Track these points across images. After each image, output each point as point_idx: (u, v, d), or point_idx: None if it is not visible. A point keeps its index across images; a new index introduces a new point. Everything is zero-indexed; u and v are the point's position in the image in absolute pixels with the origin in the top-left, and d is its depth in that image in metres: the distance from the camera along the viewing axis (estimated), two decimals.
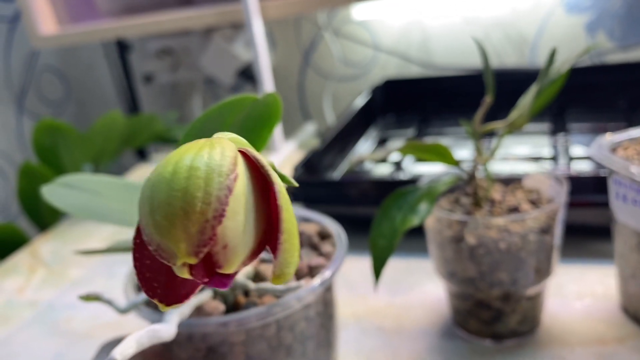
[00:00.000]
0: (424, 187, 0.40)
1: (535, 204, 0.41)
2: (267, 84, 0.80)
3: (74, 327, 0.54)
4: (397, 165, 0.69)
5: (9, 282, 0.64)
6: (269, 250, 0.21)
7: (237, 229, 0.19)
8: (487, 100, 0.38)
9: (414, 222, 0.37)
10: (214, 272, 0.19)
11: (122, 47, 1.08)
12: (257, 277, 0.34)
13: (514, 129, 0.39)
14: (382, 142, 0.81)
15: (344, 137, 0.75)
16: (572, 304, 0.45)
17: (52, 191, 0.31)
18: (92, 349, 0.49)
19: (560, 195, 0.40)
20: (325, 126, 1.05)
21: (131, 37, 1.07)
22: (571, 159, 0.64)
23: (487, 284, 0.40)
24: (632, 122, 0.71)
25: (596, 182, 0.49)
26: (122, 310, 0.34)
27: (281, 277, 0.20)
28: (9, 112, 1.05)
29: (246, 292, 0.34)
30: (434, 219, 0.41)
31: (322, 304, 0.35)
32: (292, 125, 1.07)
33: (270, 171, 0.20)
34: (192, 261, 0.18)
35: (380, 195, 0.58)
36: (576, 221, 0.51)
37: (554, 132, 0.72)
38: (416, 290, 0.51)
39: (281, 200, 0.20)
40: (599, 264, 0.50)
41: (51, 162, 0.79)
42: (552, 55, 0.35)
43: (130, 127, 0.83)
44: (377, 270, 0.37)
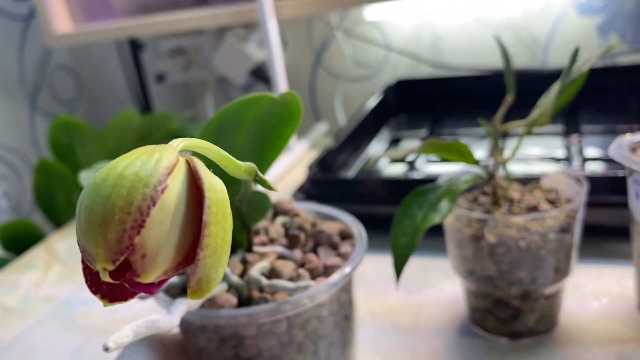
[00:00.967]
0: (444, 185, 0.40)
1: (554, 203, 0.41)
2: (281, 83, 0.81)
3: (91, 323, 0.54)
4: (411, 164, 0.69)
5: (25, 277, 0.65)
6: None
7: (158, 240, 0.19)
8: (509, 99, 0.38)
9: (435, 220, 0.37)
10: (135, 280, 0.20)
11: (135, 47, 1.08)
12: (272, 274, 0.35)
13: (535, 128, 0.39)
14: (394, 142, 0.81)
15: (357, 136, 0.75)
16: (590, 304, 0.46)
17: (89, 177, 0.32)
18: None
19: (579, 194, 0.40)
20: (336, 126, 1.06)
21: (145, 36, 1.08)
22: (585, 160, 0.64)
23: (506, 283, 0.40)
24: None
25: (614, 183, 0.49)
26: (141, 296, 0.34)
27: (198, 292, 0.20)
28: (22, 110, 1.06)
29: (261, 288, 0.34)
30: (453, 217, 0.41)
31: (337, 304, 0.35)
32: (303, 125, 1.07)
33: (207, 184, 0.20)
34: (110, 267, 0.19)
35: (394, 194, 0.59)
36: (593, 221, 0.51)
37: (567, 134, 0.72)
38: (432, 288, 0.51)
39: (212, 215, 0.20)
40: (616, 264, 0.50)
41: (67, 159, 0.80)
42: (575, 54, 0.35)
43: (145, 125, 0.83)
44: (399, 268, 0.37)
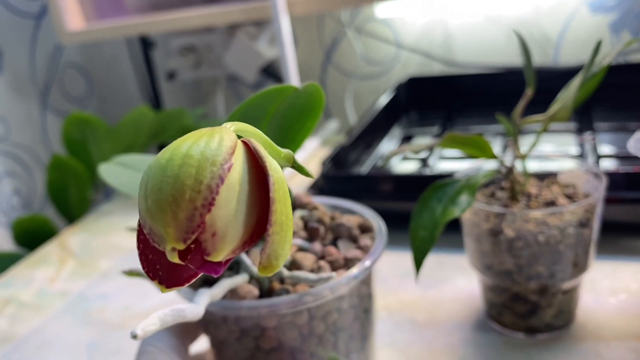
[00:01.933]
0: (463, 179, 0.40)
1: (571, 198, 0.41)
2: (293, 81, 0.81)
3: (106, 317, 0.54)
4: (424, 162, 0.69)
5: (39, 272, 0.65)
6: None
7: (227, 218, 0.19)
8: (529, 92, 0.38)
9: (455, 213, 0.37)
10: (205, 259, 0.20)
11: (145, 44, 1.09)
12: (293, 265, 0.35)
13: (549, 125, 0.39)
14: (406, 139, 0.81)
15: (369, 133, 0.75)
16: (607, 299, 0.45)
17: (108, 170, 0.32)
18: (126, 339, 0.50)
19: (598, 189, 0.40)
20: (346, 124, 1.06)
21: (156, 33, 1.08)
22: (599, 157, 0.64)
23: (524, 277, 0.40)
24: None
25: (631, 179, 0.49)
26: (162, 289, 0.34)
27: (268, 268, 0.20)
28: (33, 107, 1.06)
29: (282, 279, 0.34)
30: (471, 211, 0.41)
31: (357, 297, 0.35)
32: None
33: (268, 163, 0.20)
34: (180, 247, 0.19)
35: (408, 190, 0.59)
36: (610, 218, 0.51)
37: (580, 131, 0.72)
38: (448, 284, 0.51)
39: (276, 192, 0.20)
40: (632, 261, 0.50)
41: (80, 155, 0.80)
42: (597, 47, 0.35)
43: (158, 122, 0.84)
44: (419, 262, 0.37)
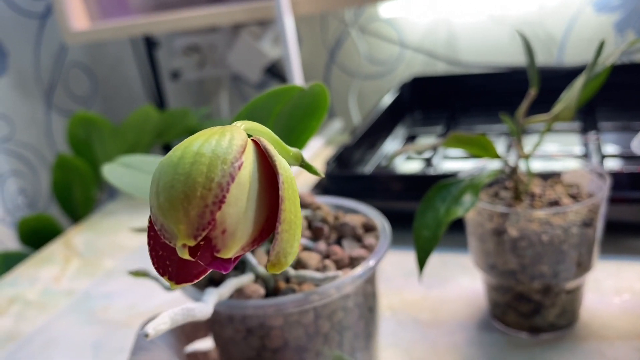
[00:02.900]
0: (466, 179, 0.40)
1: (575, 198, 0.41)
2: (297, 80, 0.81)
3: (111, 316, 0.55)
4: (428, 161, 0.69)
5: (45, 271, 0.65)
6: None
7: (237, 216, 0.20)
8: (532, 93, 0.38)
9: (459, 213, 0.37)
10: (214, 255, 0.20)
11: (149, 44, 1.09)
12: (298, 265, 0.35)
13: (553, 125, 0.39)
14: (410, 139, 0.81)
15: (373, 133, 0.75)
16: (611, 299, 0.45)
17: (111, 170, 0.32)
18: (131, 338, 0.50)
19: (601, 189, 0.40)
20: (350, 124, 1.06)
21: (160, 33, 1.08)
22: (604, 156, 0.64)
23: (528, 277, 0.40)
24: None
25: (635, 179, 0.49)
26: (169, 287, 0.34)
27: (277, 265, 0.20)
28: (38, 107, 1.06)
29: (287, 279, 0.34)
30: (475, 211, 0.41)
31: (362, 296, 0.35)
32: None
33: (278, 162, 0.21)
34: (191, 243, 0.19)
35: (411, 190, 0.59)
36: (613, 217, 0.51)
37: (584, 131, 0.72)
38: (451, 283, 0.51)
39: (285, 191, 0.20)
40: (636, 260, 0.50)
41: (85, 154, 0.81)
42: (601, 47, 0.35)
43: (163, 122, 0.84)
44: (422, 261, 0.37)
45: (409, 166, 0.70)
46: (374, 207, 0.40)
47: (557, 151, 0.69)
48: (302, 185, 0.73)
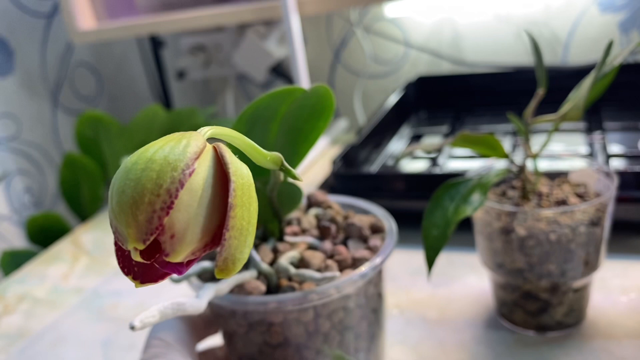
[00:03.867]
0: (475, 178, 0.40)
1: (582, 197, 0.42)
2: (303, 80, 0.81)
3: (120, 314, 0.55)
4: (433, 161, 0.70)
5: (53, 269, 0.66)
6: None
7: (186, 221, 0.20)
8: (540, 92, 0.38)
9: (467, 212, 0.37)
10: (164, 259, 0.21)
11: (155, 44, 1.09)
12: (302, 263, 0.35)
13: (567, 122, 0.39)
14: (415, 138, 0.81)
15: (378, 133, 0.75)
16: (618, 298, 0.46)
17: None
18: (140, 335, 0.50)
19: (609, 188, 0.40)
20: (355, 123, 1.06)
21: (166, 33, 1.09)
22: (609, 156, 0.64)
23: (536, 275, 0.40)
24: None
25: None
26: (175, 280, 0.35)
27: (225, 271, 0.21)
28: (44, 106, 1.07)
29: (290, 277, 0.34)
30: (483, 210, 0.41)
31: (364, 297, 0.35)
32: None
33: (232, 168, 0.21)
34: (140, 247, 0.19)
35: (418, 189, 0.59)
36: (620, 217, 0.51)
37: (590, 131, 0.72)
38: (458, 282, 0.51)
39: (237, 198, 0.21)
40: None
41: (93, 153, 0.81)
42: (609, 47, 0.35)
43: (170, 121, 0.84)
44: (431, 260, 0.37)
45: (414, 165, 0.71)
46: (380, 206, 0.41)
47: (563, 151, 0.69)
48: (309, 183, 0.74)
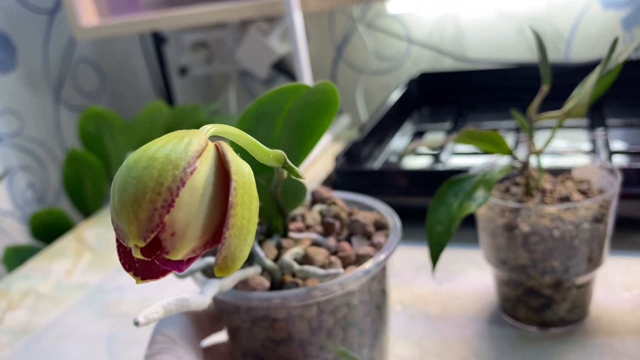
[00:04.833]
0: (479, 174, 0.40)
1: (585, 194, 0.42)
2: (305, 76, 0.81)
3: (124, 309, 0.55)
4: (436, 157, 0.70)
5: (57, 265, 0.66)
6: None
7: (187, 219, 0.20)
8: (544, 89, 0.38)
9: (472, 208, 0.37)
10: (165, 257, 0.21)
11: (157, 40, 1.09)
12: (305, 259, 0.35)
13: (571, 119, 0.39)
14: (418, 135, 0.81)
15: (381, 129, 0.75)
16: (621, 294, 0.46)
17: None
18: (145, 330, 0.50)
19: (612, 185, 0.40)
20: (357, 120, 1.06)
21: (169, 29, 1.09)
22: (612, 153, 0.64)
23: (539, 272, 0.40)
24: None
25: None
26: (180, 275, 0.35)
27: (224, 269, 0.21)
28: (46, 102, 1.07)
29: (293, 273, 0.34)
30: (486, 207, 0.41)
31: (367, 293, 0.35)
32: None
33: (233, 167, 0.21)
34: (141, 244, 0.20)
35: (421, 185, 0.59)
36: (623, 213, 0.51)
37: (592, 127, 0.72)
38: (462, 278, 0.51)
39: (237, 196, 0.21)
40: None
41: (96, 149, 0.81)
42: (614, 44, 0.35)
43: (173, 117, 0.84)
44: (435, 256, 0.37)
45: (417, 162, 0.71)
46: (383, 202, 0.41)
47: (567, 147, 0.69)
48: (311, 179, 0.74)
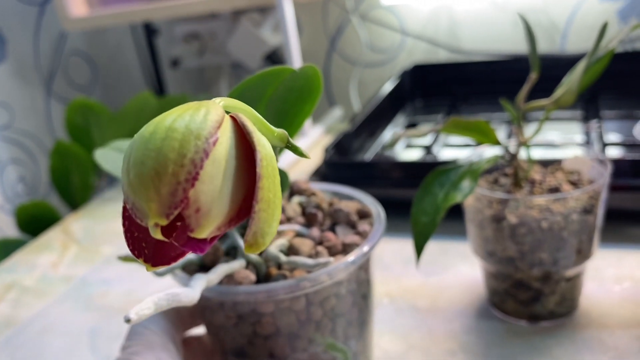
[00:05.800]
0: (465, 165, 0.39)
1: (575, 184, 0.41)
2: (296, 67, 0.80)
3: (108, 302, 0.55)
4: (427, 149, 0.69)
5: (43, 257, 0.65)
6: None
7: (212, 194, 0.19)
8: (533, 77, 0.37)
9: (457, 198, 0.36)
10: (189, 236, 0.19)
11: (149, 32, 1.08)
12: (291, 251, 0.34)
13: (554, 113, 0.38)
14: (410, 127, 0.80)
15: (373, 121, 0.74)
16: (611, 287, 0.45)
17: (104, 155, 0.32)
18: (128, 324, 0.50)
19: (602, 176, 0.40)
20: (351, 112, 1.05)
21: (160, 19, 1.07)
22: (605, 144, 0.63)
23: (527, 264, 0.40)
24: None
25: (638, 166, 0.49)
26: (159, 273, 0.34)
27: (254, 246, 0.19)
28: (37, 95, 1.06)
29: (279, 265, 0.34)
30: (474, 198, 0.40)
31: (355, 283, 0.35)
32: (318, 110, 1.06)
33: (256, 138, 0.20)
34: (163, 222, 0.18)
35: (411, 177, 0.58)
36: (614, 205, 0.50)
37: (586, 119, 0.72)
38: (450, 271, 0.50)
39: (263, 168, 0.19)
40: (637, 249, 0.49)
41: (83, 141, 0.80)
42: (603, 30, 0.34)
43: (161, 108, 0.83)
44: (420, 246, 0.37)
45: (408, 154, 0.70)
46: (373, 194, 0.40)
47: (558, 139, 0.68)
48: (300, 172, 0.73)
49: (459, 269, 0.51)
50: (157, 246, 0.20)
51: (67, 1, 0.89)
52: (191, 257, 0.34)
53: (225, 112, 0.20)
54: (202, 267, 0.34)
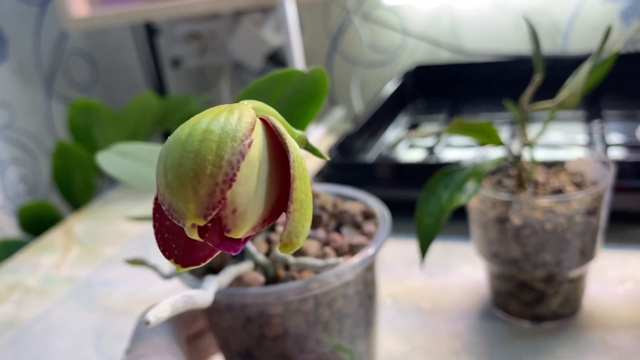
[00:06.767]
0: (469, 166, 0.39)
1: (579, 186, 0.41)
2: (298, 68, 0.80)
3: (111, 303, 0.55)
4: (430, 150, 0.69)
5: (45, 258, 0.65)
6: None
7: (247, 195, 0.19)
8: (537, 79, 0.37)
9: (462, 200, 0.37)
10: (224, 236, 0.20)
11: (150, 31, 1.08)
12: (298, 252, 0.34)
13: (557, 114, 0.38)
14: (412, 127, 0.80)
15: (375, 121, 0.75)
16: (614, 288, 0.45)
17: (107, 158, 0.32)
18: (131, 325, 0.50)
19: (606, 177, 0.40)
20: (352, 112, 1.05)
21: (161, 19, 1.07)
22: (608, 145, 0.63)
23: (531, 265, 0.40)
24: None
25: (639, 168, 0.49)
26: (166, 275, 0.34)
27: (289, 246, 0.20)
28: (38, 94, 1.06)
29: (287, 266, 0.34)
30: (478, 199, 0.41)
31: (362, 283, 0.35)
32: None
33: (288, 140, 0.20)
34: (201, 223, 0.18)
35: (414, 178, 0.58)
36: (617, 207, 0.50)
37: (589, 120, 0.72)
38: (454, 272, 0.50)
39: (296, 169, 0.20)
40: None
41: (85, 141, 0.80)
42: (607, 32, 0.34)
43: (163, 108, 0.83)
44: (424, 248, 0.37)
45: (411, 155, 0.70)
46: (376, 195, 0.40)
47: (561, 140, 0.68)
48: None
49: (463, 269, 0.51)
50: (186, 247, 0.21)
51: (68, 1, 0.89)
52: None
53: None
54: (208, 270, 0.34)
